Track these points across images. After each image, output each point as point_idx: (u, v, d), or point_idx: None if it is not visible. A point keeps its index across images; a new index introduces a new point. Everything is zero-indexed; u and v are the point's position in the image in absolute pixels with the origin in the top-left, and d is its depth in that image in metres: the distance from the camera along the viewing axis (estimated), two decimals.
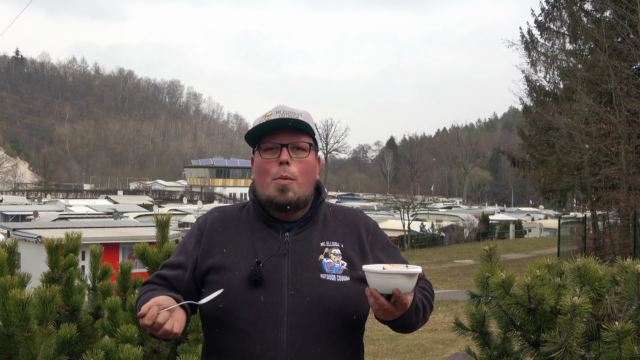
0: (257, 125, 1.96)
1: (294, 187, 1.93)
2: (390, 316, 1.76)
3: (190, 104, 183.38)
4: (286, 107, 2.01)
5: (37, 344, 2.79)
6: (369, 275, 1.72)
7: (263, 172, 1.97)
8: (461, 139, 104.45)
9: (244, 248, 1.95)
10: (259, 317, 1.85)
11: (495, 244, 3.07)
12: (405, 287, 1.69)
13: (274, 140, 1.96)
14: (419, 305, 1.87)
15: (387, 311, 1.73)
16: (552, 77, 25.68)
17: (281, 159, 1.93)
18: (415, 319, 1.86)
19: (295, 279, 1.89)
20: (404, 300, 1.71)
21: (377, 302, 1.71)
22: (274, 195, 1.93)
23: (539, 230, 46.10)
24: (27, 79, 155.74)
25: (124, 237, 18.78)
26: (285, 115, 1.97)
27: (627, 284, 2.53)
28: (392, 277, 1.68)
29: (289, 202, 1.93)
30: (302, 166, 1.96)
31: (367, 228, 2.08)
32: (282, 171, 1.93)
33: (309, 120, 2.01)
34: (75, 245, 3.66)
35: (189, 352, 3.10)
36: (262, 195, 1.97)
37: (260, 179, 1.98)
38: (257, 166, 2.00)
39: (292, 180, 1.93)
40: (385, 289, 1.69)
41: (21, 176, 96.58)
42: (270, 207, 1.96)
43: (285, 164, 1.93)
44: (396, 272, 1.68)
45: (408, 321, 1.83)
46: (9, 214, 39.96)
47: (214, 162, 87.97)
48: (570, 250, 21.61)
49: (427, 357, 9.98)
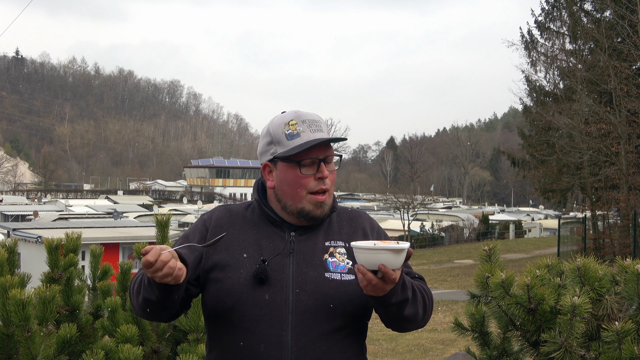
0: (307, 141, 1.94)
1: (327, 199, 1.97)
2: (380, 291, 1.75)
3: (190, 104, 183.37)
4: (308, 115, 2.01)
5: (37, 344, 2.79)
6: (356, 251, 1.73)
7: (299, 186, 1.95)
8: (461, 139, 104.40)
9: (249, 246, 1.96)
10: (263, 315, 1.86)
11: (495, 244, 3.08)
12: (392, 263, 1.71)
13: (312, 155, 1.95)
14: (406, 283, 1.83)
15: (377, 286, 1.73)
16: (552, 77, 25.71)
17: (324, 174, 1.95)
18: (402, 296, 1.81)
19: (300, 277, 1.90)
20: (391, 276, 1.71)
21: (365, 278, 1.72)
22: (310, 210, 1.95)
23: (539, 230, 46.09)
24: (27, 79, 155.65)
25: (124, 237, 18.78)
26: (312, 125, 1.98)
27: (627, 284, 2.53)
28: (378, 253, 1.70)
29: (324, 216, 1.98)
30: (333, 177, 1.99)
31: (372, 227, 2.10)
32: (322, 185, 1.95)
33: (328, 128, 2.05)
34: (75, 245, 3.66)
35: (189, 352, 3.10)
36: (292, 207, 1.97)
37: (293, 192, 1.97)
38: (290, 180, 1.96)
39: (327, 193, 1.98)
40: (372, 265, 1.71)
41: (21, 176, 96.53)
42: (299, 218, 1.97)
43: (325, 179, 1.95)
44: (381, 248, 1.70)
45: (394, 299, 1.79)
46: (9, 214, 39.93)
47: (214, 162, 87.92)
48: (570, 250, 21.61)
49: (427, 357, 9.99)
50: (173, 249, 1.78)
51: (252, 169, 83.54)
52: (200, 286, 1.98)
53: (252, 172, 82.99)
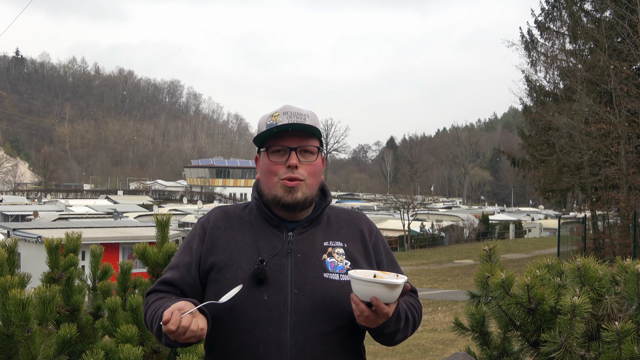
0: (267, 130, 1.96)
1: (302, 188, 1.94)
2: (371, 323, 1.76)
3: (190, 104, 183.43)
4: (293, 108, 2.00)
5: (37, 344, 2.79)
6: (352, 280, 1.73)
7: (270, 173, 1.96)
8: (461, 139, 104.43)
9: (247, 247, 1.95)
10: (262, 316, 1.85)
11: (495, 244, 3.07)
12: (386, 298, 1.70)
13: (283, 143, 1.95)
14: (401, 314, 1.87)
15: (368, 318, 1.74)
16: (552, 77, 25.68)
17: (290, 162, 1.93)
18: (395, 327, 1.86)
19: (299, 278, 1.89)
20: (383, 310, 1.71)
21: (358, 308, 1.73)
22: (281, 196, 1.93)
23: (539, 230, 46.12)
24: (27, 79, 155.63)
25: (124, 237, 18.78)
26: (293, 117, 1.96)
27: (627, 284, 2.53)
28: (371, 286, 1.69)
29: (296, 202, 1.93)
30: (311, 168, 1.97)
31: (370, 230, 2.10)
32: (290, 173, 1.93)
33: (315, 122, 2.01)
34: (75, 245, 3.66)
35: (189, 352, 3.10)
36: (268, 195, 1.97)
37: (267, 180, 1.98)
38: (263, 167, 2.00)
39: (301, 182, 1.94)
40: (365, 297, 1.71)
41: (21, 176, 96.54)
42: (276, 207, 1.96)
43: (294, 168, 1.93)
44: (376, 281, 1.69)
45: (387, 330, 1.84)
46: (9, 214, 39.93)
47: (214, 162, 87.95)
48: (570, 250, 21.60)
49: (427, 357, 9.98)
50: (191, 303, 1.76)
51: (252, 169, 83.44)
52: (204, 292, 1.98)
53: (252, 172, 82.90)
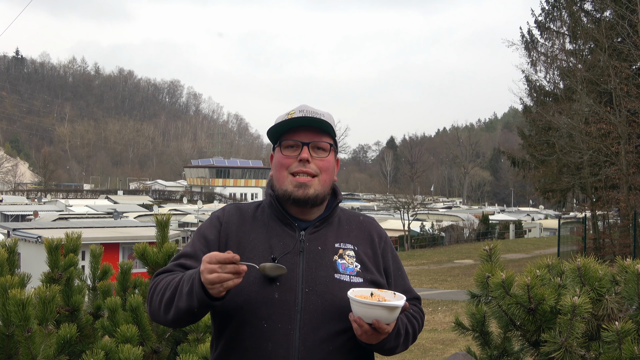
0: (281, 121, 1.98)
1: (314, 184, 1.96)
2: (373, 340, 1.81)
3: (190, 104, 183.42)
4: (310, 107, 2.03)
5: (37, 344, 2.79)
6: (352, 303, 1.77)
7: (281, 166, 1.98)
8: (461, 139, 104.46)
9: (259, 244, 1.95)
10: (272, 314, 1.86)
11: (495, 244, 3.07)
12: (385, 319, 1.75)
13: (296, 137, 1.98)
14: (400, 330, 1.91)
15: (371, 336, 1.79)
16: (552, 77, 25.67)
17: (301, 156, 1.95)
18: (395, 342, 1.90)
19: (310, 277, 1.90)
20: (384, 330, 1.76)
21: (361, 329, 1.77)
22: (291, 191, 1.94)
23: (539, 230, 46.10)
24: (27, 79, 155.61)
25: (124, 237, 18.78)
26: (308, 114, 1.99)
27: (627, 284, 2.53)
28: (373, 309, 1.73)
29: (307, 198, 1.94)
30: (322, 164, 1.98)
31: (380, 235, 2.11)
32: (301, 166, 1.94)
33: (331, 122, 2.03)
34: (75, 245, 3.66)
35: (189, 352, 3.10)
36: (279, 190, 1.98)
37: (278, 174, 2.00)
38: (276, 161, 2.02)
39: (314, 178, 1.96)
40: (367, 318, 1.75)
41: (21, 176, 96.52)
42: (287, 202, 1.97)
43: (306, 162, 1.95)
44: (376, 304, 1.73)
45: (387, 345, 1.88)
46: (9, 214, 39.93)
47: (214, 162, 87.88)
48: (570, 250, 21.59)
49: (427, 357, 9.98)
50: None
51: (252, 169, 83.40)
52: None
53: (252, 172, 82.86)
